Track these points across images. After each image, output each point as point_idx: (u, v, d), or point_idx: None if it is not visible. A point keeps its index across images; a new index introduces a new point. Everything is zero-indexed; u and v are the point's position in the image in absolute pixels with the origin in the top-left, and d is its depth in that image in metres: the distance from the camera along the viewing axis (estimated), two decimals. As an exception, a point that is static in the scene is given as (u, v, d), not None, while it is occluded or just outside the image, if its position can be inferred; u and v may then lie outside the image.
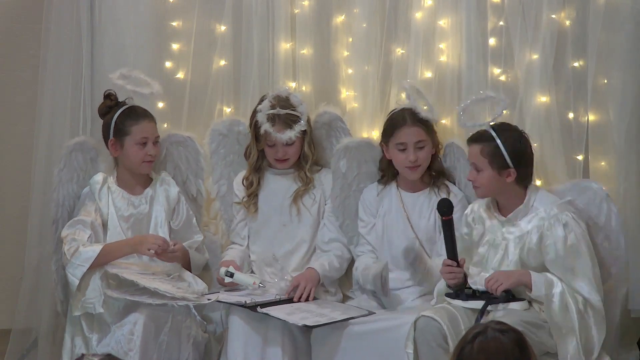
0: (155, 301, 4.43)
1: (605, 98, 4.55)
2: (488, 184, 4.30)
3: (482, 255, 4.37)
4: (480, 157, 4.29)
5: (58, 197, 4.78)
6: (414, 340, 4.16)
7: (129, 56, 5.06)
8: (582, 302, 4.20)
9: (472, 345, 3.14)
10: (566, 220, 4.25)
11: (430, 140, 4.65)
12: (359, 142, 4.81)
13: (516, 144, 4.29)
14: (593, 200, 4.41)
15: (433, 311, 4.21)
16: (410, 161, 4.62)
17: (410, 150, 4.62)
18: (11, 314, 5.13)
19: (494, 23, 4.76)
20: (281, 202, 4.86)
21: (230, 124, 5.00)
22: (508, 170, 4.27)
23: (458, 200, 4.63)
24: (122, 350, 4.39)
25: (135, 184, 4.79)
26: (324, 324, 4.36)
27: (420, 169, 4.67)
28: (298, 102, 4.74)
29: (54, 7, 5.08)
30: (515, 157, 4.27)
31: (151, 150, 4.74)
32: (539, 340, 4.14)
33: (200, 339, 4.58)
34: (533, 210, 4.31)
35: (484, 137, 4.30)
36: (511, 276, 4.22)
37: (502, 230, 4.35)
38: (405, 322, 4.27)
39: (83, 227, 4.63)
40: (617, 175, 4.53)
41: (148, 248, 4.60)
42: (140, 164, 4.75)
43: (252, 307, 4.46)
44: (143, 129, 4.74)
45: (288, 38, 5.08)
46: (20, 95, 5.41)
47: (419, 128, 4.62)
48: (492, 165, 4.27)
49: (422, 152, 4.64)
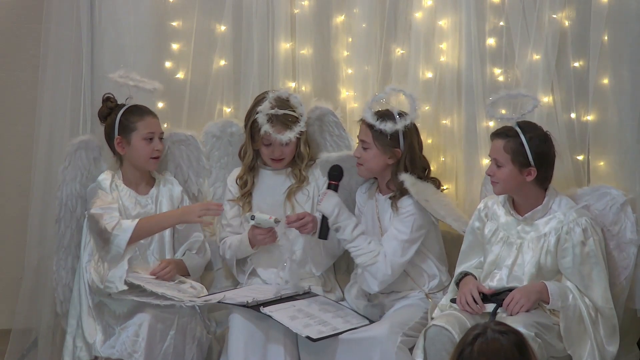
0: (162, 302, 4.44)
1: (607, 98, 4.54)
2: (507, 180, 4.28)
3: (497, 253, 4.37)
4: (502, 152, 4.27)
5: (62, 196, 4.77)
6: (424, 349, 4.16)
7: (129, 56, 5.06)
8: (592, 309, 4.21)
9: (472, 347, 3.13)
10: (585, 226, 4.25)
11: (375, 146, 4.54)
12: (336, 157, 4.78)
13: (541, 144, 4.27)
14: (610, 207, 4.41)
15: (444, 320, 4.19)
16: (356, 156, 4.62)
17: (358, 145, 4.61)
18: (11, 314, 5.13)
19: (494, 23, 4.76)
20: (275, 198, 4.86)
21: (223, 126, 5.00)
22: (529, 169, 4.25)
23: (406, 214, 4.53)
24: (127, 352, 4.39)
25: (141, 183, 4.80)
26: (327, 336, 4.36)
27: (363, 169, 4.61)
28: (298, 103, 4.74)
29: (54, 7, 5.08)
30: (538, 157, 4.25)
31: (158, 146, 4.76)
32: (549, 341, 4.14)
33: (205, 340, 4.59)
34: (551, 213, 4.31)
35: (509, 133, 4.28)
36: (531, 296, 4.18)
37: (517, 229, 4.34)
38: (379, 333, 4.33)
39: (109, 211, 4.62)
40: (630, 175, 4.51)
41: (198, 215, 4.63)
42: (148, 160, 4.76)
43: (255, 307, 4.46)
44: (149, 124, 4.75)
45: (288, 38, 5.08)
46: (20, 95, 5.42)
47: (366, 128, 4.58)
48: (514, 161, 4.25)
49: (365, 152, 4.58)
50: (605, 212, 4.41)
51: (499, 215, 4.40)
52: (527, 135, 4.26)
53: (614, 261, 4.40)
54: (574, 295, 4.21)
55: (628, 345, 4.50)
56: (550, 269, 4.29)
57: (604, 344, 4.21)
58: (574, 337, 4.16)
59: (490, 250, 4.39)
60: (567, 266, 4.25)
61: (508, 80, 4.74)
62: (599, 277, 4.24)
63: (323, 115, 4.90)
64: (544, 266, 4.29)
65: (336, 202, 4.54)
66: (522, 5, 4.67)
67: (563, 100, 4.65)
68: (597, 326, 4.21)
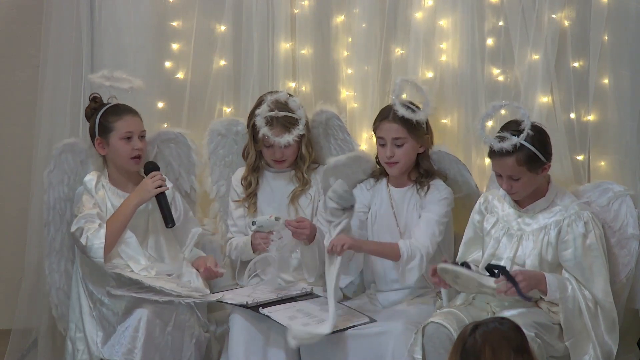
0: (161, 298, 4.44)
1: (607, 98, 4.55)
2: (528, 187, 4.27)
3: (496, 246, 4.37)
4: (517, 168, 4.21)
5: (49, 200, 4.75)
6: (422, 346, 4.16)
7: (129, 56, 5.07)
8: (592, 302, 4.21)
9: (474, 338, 3.18)
10: (587, 219, 4.25)
11: (411, 138, 4.59)
12: (345, 160, 4.76)
13: (541, 137, 4.24)
14: (612, 202, 4.41)
15: (442, 317, 4.19)
16: (387, 156, 4.61)
17: (388, 146, 4.61)
18: (11, 314, 5.13)
19: (494, 23, 4.76)
20: (280, 201, 4.86)
21: (229, 124, 5.00)
22: (544, 166, 4.25)
23: (438, 190, 4.61)
24: (127, 348, 4.39)
25: (127, 183, 4.76)
26: None
27: (398, 166, 4.62)
28: (296, 106, 4.74)
29: (54, 7, 5.08)
30: (546, 151, 4.25)
31: (137, 145, 4.70)
32: (549, 342, 4.15)
33: (203, 339, 4.59)
34: (553, 206, 4.31)
35: (511, 147, 4.20)
36: (531, 281, 4.13)
37: (517, 221, 4.34)
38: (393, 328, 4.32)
39: (91, 219, 4.59)
40: (630, 174, 4.51)
41: (154, 188, 4.61)
42: (128, 160, 4.71)
43: (254, 308, 4.46)
44: (126, 124, 4.71)
45: (288, 38, 5.09)
46: (20, 95, 5.42)
47: (399, 125, 4.57)
48: (531, 169, 4.22)
49: (400, 149, 4.59)
50: (606, 208, 4.42)
51: (498, 208, 4.40)
52: (529, 140, 4.20)
53: (615, 258, 4.40)
54: (573, 287, 4.20)
55: (628, 345, 4.51)
56: (552, 262, 4.28)
57: (604, 338, 4.21)
58: (574, 328, 4.15)
59: (490, 243, 4.39)
60: (568, 258, 4.25)
61: (508, 80, 4.75)
62: (600, 271, 4.23)
63: (328, 119, 4.89)
64: (545, 258, 4.28)
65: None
66: (521, 5, 4.67)
67: (563, 101, 4.65)
68: (597, 319, 4.20)
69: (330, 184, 4.70)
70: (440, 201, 4.59)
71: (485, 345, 3.16)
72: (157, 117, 5.12)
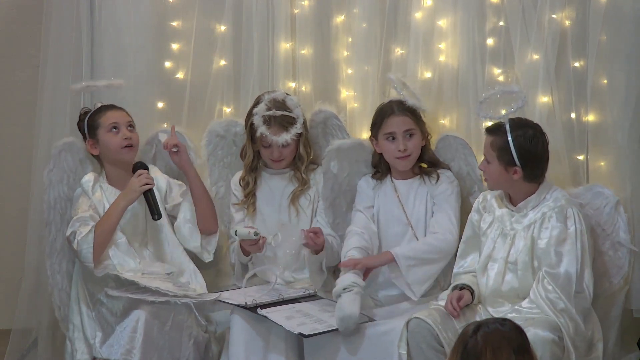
0: (157, 299, 4.45)
1: (605, 98, 4.55)
2: (496, 177, 4.28)
3: (492, 247, 4.36)
4: (489, 149, 4.26)
5: (49, 199, 4.76)
6: (407, 341, 4.18)
7: (129, 56, 5.07)
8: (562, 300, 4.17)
9: (475, 338, 3.19)
10: (570, 215, 4.23)
11: (419, 129, 4.65)
12: (350, 144, 4.80)
13: (526, 142, 4.21)
14: (604, 206, 4.41)
15: (425, 313, 4.21)
16: (399, 150, 4.62)
17: (400, 140, 4.62)
18: (11, 314, 5.13)
19: (494, 23, 4.76)
20: (279, 202, 4.86)
21: (228, 125, 5.00)
22: (514, 168, 4.23)
23: (450, 182, 4.65)
24: (125, 349, 4.39)
25: (125, 181, 4.73)
26: (320, 333, 4.35)
27: (411, 159, 4.66)
28: (294, 104, 4.75)
29: (54, 7, 5.09)
30: (523, 156, 4.21)
31: (126, 134, 4.72)
32: None
33: (201, 339, 4.59)
34: (544, 202, 4.30)
35: (498, 131, 4.25)
36: None
37: (511, 220, 4.34)
38: (398, 326, 4.29)
39: (84, 222, 4.60)
40: (621, 175, 4.52)
41: (139, 186, 4.60)
42: (120, 150, 4.72)
43: (252, 309, 4.46)
44: (110, 116, 4.73)
45: (288, 38, 5.09)
46: (20, 95, 5.43)
47: (407, 117, 4.62)
48: (500, 159, 4.24)
49: (411, 140, 4.63)
50: (599, 211, 4.42)
51: (494, 208, 4.41)
52: (514, 133, 4.21)
53: (610, 261, 4.41)
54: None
55: (628, 345, 4.51)
56: None
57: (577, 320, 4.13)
58: None
59: (486, 243, 4.39)
60: (540, 246, 4.23)
61: (508, 80, 4.74)
62: (570, 259, 4.17)
63: (327, 118, 4.89)
64: (534, 252, 4.26)
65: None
66: (521, 5, 4.68)
67: (563, 100, 4.65)
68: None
69: (331, 168, 4.73)
70: (449, 196, 4.64)
71: (486, 346, 3.17)
72: (157, 117, 5.12)
